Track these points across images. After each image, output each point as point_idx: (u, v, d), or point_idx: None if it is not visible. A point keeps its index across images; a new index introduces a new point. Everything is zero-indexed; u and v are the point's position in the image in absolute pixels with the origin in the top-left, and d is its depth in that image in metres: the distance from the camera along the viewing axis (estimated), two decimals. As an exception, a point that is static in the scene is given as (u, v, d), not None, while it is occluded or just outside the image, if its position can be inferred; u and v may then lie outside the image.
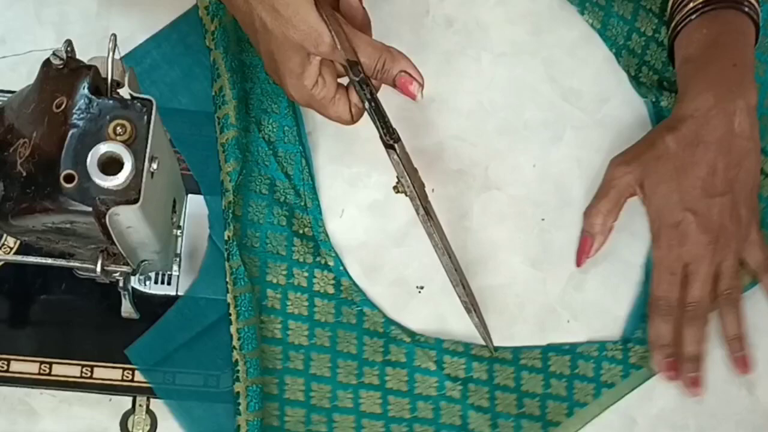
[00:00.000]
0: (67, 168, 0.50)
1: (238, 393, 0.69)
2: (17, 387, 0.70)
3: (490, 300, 0.76)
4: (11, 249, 0.71)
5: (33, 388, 0.70)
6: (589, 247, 0.77)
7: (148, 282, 0.71)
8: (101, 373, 0.70)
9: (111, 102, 0.52)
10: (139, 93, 0.54)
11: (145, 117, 0.52)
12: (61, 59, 0.53)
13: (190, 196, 0.73)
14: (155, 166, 0.52)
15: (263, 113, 0.77)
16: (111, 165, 0.50)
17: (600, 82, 0.82)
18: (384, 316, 0.74)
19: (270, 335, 0.72)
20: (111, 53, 0.54)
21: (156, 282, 0.72)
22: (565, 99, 0.82)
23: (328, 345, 0.73)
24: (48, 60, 0.53)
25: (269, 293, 0.73)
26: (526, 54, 0.82)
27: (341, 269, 0.75)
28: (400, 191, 0.71)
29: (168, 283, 0.72)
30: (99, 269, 0.59)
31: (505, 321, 0.76)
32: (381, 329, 0.74)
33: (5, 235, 0.71)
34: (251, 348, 0.70)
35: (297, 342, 0.72)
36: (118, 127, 0.51)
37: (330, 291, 0.74)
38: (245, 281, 0.71)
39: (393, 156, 0.69)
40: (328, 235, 0.75)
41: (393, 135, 0.68)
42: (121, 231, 0.54)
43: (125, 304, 0.68)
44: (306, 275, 0.74)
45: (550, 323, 0.76)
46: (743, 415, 0.76)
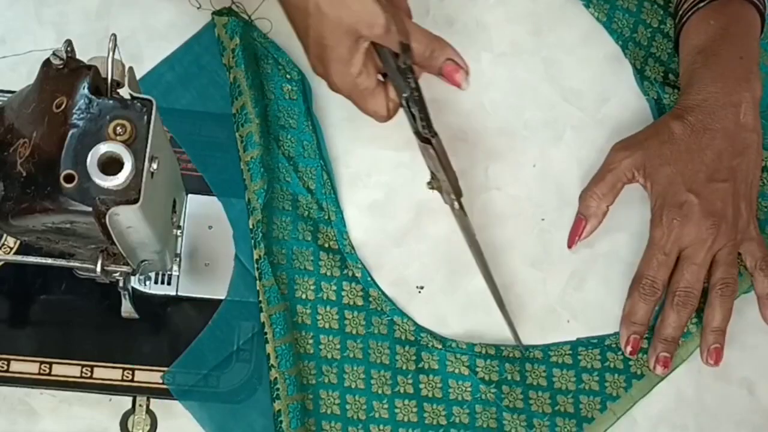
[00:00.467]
0: (67, 168, 0.50)
1: (279, 411, 0.69)
2: (17, 387, 0.70)
3: (490, 300, 0.76)
4: (11, 249, 0.71)
5: (33, 388, 0.70)
6: (582, 229, 0.77)
7: (148, 282, 0.71)
8: (101, 373, 0.70)
9: (111, 102, 0.52)
10: (139, 93, 0.54)
11: (145, 117, 0.52)
12: (61, 59, 0.53)
13: (190, 196, 0.73)
14: (155, 166, 0.52)
15: (281, 129, 0.77)
16: (111, 165, 0.50)
17: (600, 82, 0.82)
18: (415, 324, 0.74)
19: (303, 351, 0.72)
20: (111, 53, 0.54)
21: (156, 282, 0.72)
22: (565, 99, 0.82)
23: (360, 357, 0.73)
24: (48, 60, 0.53)
25: (299, 309, 0.73)
26: (526, 54, 0.82)
27: (369, 280, 0.75)
28: (434, 187, 0.71)
29: (168, 283, 0.72)
30: (99, 269, 0.59)
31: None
32: (412, 337, 0.74)
33: (5, 235, 0.71)
34: (289, 365, 0.70)
35: (330, 356, 0.73)
36: (118, 127, 0.51)
37: (359, 303, 0.74)
38: (279, 299, 0.72)
39: (429, 150, 0.68)
40: (353, 248, 0.75)
41: (431, 129, 0.68)
42: (121, 231, 0.54)
43: (125, 304, 0.68)
44: (334, 288, 0.74)
45: (550, 323, 0.76)
46: (743, 415, 0.76)
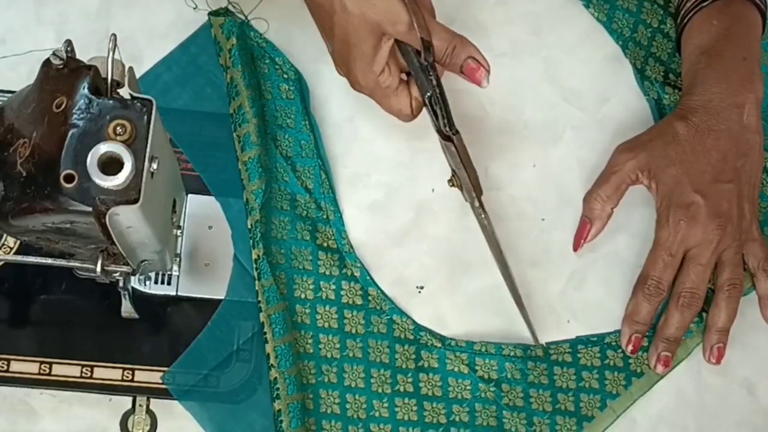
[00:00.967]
0: (67, 168, 0.50)
1: (279, 411, 0.70)
2: (17, 387, 0.70)
3: (490, 300, 0.76)
4: (11, 249, 0.71)
5: (33, 388, 0.70)
6: (587, 232, 0.77)
7: (148, 282, 0.71)
8: (101, 373, 0.70)
9: (111, 102, 0.52)
10: (139, 93, 0.54)
11: (145, 117, 0.52)
12: (61, 59, 0.53)
13: (190, 196, 0.73)
14: (155, 166, 0.52)
15: (279, 129, 0.77)
16: (111, 165, 0.50)
17: (600, 82, 0.82)
18: (414, 323, 0.74)
19: (302, 351, 0.72)
20: (111, 53, 0.54)
21: (156, 282, 0.72)
22: (565, 99, 0.82)
23: (360, 356, 0.73)
24: (48, 60, 0.53)
25: (298, 309, 0.73)
26: (526, 54, 0.82)
27: (368, 279, 0.75)
28: (455, 185, 0.71)
29: (168, 283, 0.72)
30: (99, 269, 0.59)
31: (505, 321, 0.76)
32: (411, 336, 0.74)
33: (5, 235, 0.71)
34: (289, 365, 0.70)
35: (329, 355, 0.73)
36: (118, 127, 0.51)
37: (358, 302, 0.74)
38: (278, 299, 0.72)
39: (451, 148, 0.69)
40: (352, 247, 0.76)
41: (453, 127, 0.68)
42: (121, 231, 0.54)
43: (125, 304, 0.68)
44: (333, 288, 0.74)
45: (550, 323, 0.76)
46: (743, 415, 0.76)
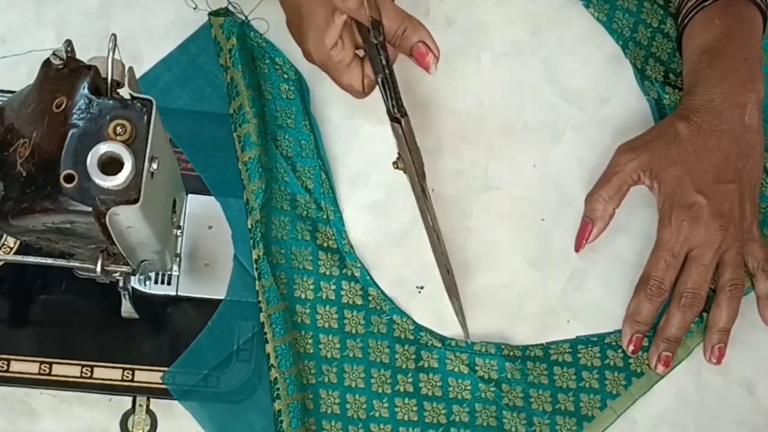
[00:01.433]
0: (67, 168, 0.50)
1: (279, 411, 0.70)
2: (17, 387, 0.70)
3: (490, 300, 0.76)
4: (11, 249, 0.71)
5: (33, 388, 0.70)
6: (589, 233, 0.77)
7: (148, 282, 0.71)
8: (101, 373, 0.70)
9: (111, 102, 0.52)
10: (139, 93, 0.54)
11: (145, 117, 0.52)
12: (61, 59, 0.53)
13: (190, 196, 0.73)
14: (155, 166, 0.52)
15: (279, 129, 0.77)
16: (111, 165, 0.50)
17: (600, 82, 0.82)
18: (414, 323, 0.74)
19: (302, 351, 0.72)
20: (111, 53, 0.53)
21: (156, 282, 0.72)
22: (565, 99, 0.82)
23: (360, 356, 0.73)
24: (48, 60, 0.53)
25: (298, 309, 0.73)
26: (526, 54, 0.82)
27: (368, 279, 0.75)
28: (399, 167, 0.71)
29: (168, 283, 0.72)
30: (99, 269, 0.59)
31: (505, 321, 0.76)
32: (411, 336, 0.74)
33: (5, 235, 0.71)
34: (289, 365, 0.70)
35: (329, 355, 0.73)
36: (118, 127, 0.51)
37: (358, 302, 0.74)
38: (278, 299, 0.72)
39: (398, 130, 0.69)
40: (352, 247, 0.76)
41: (401, 108, 0.68)
42: (121, 231, 0.54)
43: (125, 304, 0.68)
44: (333, 288, 0.74)
45: (550, 323, 0.76)
46: (743, 415, 0.76)
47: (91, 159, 0.50)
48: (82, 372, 0.70)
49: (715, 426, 0.75)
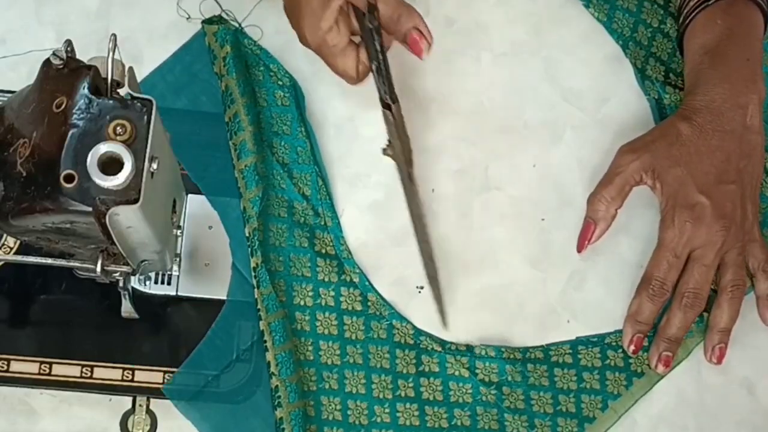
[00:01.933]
0: (67, 168, 0.50)
1: (281, 419, 0.70)
2: (17, 387, 0.70)
3: (490, 300, 0.76)
4: (11, 249, 0.71)
5: (33, 388, 0.70)
6: (591, 233, 0.77)
7: (148, 282, 0.71)
8: (101, 373, 0.70)
9: (111, 102, 0.52)
10: (139, 93, 0.54)
11: (145, 117, 0.52)
12: (61, 59, 0.53)
13: (190, 196, 0.73)
14: (155, 166, 0.52)
15: (275, 136, 0.77)
16: (111, 165, 0.50)
17: (600, 82, 0.82)
18: (414, 327, 0.74)
19: (303, 358, 0.72)
20: (111, 53, 0.54)
21: (156, 282, 0.72)
22: (565, 99, 0.82)
23: (360, 362, 0.73)
24: (48, 60, 0.53)
25: (298, 316, 0.73)
26: (526, 54, 0.82)
27: (367, 284, 0.75)
28: (388, 154, 0.71)
29: (168, 283, 0.72)
30: (99, 269, 0.59)
31: (505, 321, 0.76)
32: (411, 341, 0.74)
33: (5, 235, 0.71)
34: (290, 373, 0.70)
35: (330, 362, 0.73)
36: (118, 127, 0.51)
37: (358, 308, 0.74)
38: (277, 307, 0.72)
39: (389, 116, 0.69)
40: (351, 253, 0.75)
41: (393, 95, 0.68)
42: (121, 231, 0.54)
43: (125, 304, 0.68)
44: (332, 294, 0.74)
45: (550, 323, 0.76)
46: (743, 415, 0.76)
47: (91, 159, 0.50)
48: (82, 372, 0.70)
49: (715, 426, 0.75)
